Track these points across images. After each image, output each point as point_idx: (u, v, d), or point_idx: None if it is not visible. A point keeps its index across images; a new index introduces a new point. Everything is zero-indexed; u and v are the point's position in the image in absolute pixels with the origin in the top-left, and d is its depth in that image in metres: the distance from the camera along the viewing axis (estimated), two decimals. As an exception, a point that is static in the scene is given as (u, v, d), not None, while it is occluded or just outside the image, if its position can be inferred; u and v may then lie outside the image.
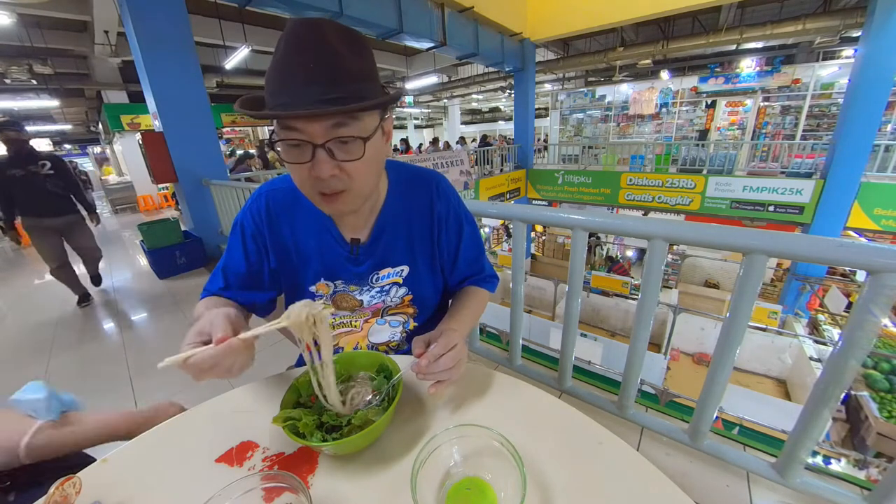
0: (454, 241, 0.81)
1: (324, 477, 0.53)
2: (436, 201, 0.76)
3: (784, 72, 8.46)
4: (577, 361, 1.72)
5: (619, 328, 6.18)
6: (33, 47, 6.18)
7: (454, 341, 0.60)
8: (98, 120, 11.90)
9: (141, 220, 4.95)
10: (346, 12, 4.23)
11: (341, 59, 0.51)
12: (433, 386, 0.59)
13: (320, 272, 0.76)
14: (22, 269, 5.13)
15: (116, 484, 0.53)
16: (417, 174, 0.78)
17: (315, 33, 0.50)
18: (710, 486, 1.24)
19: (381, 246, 0.75)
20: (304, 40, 0.50)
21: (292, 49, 0.50)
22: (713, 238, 1.06)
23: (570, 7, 6.80)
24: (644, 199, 7.60)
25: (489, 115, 21.17)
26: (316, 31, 0.50)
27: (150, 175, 3.84)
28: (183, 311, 3.09)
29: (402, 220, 0.75)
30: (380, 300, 0.80)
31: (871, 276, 0.85)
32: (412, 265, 0.79)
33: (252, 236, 0.74)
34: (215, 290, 0.76)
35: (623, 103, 10.94)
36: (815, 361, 4.29)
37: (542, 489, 0.49)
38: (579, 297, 1.42)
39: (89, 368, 2.38)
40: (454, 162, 7.02)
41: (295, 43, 0.50)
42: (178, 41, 3.51)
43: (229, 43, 6.54)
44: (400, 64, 10.76)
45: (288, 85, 0.51)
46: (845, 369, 0.92)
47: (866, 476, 1.57)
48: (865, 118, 5.09)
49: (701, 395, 1.20)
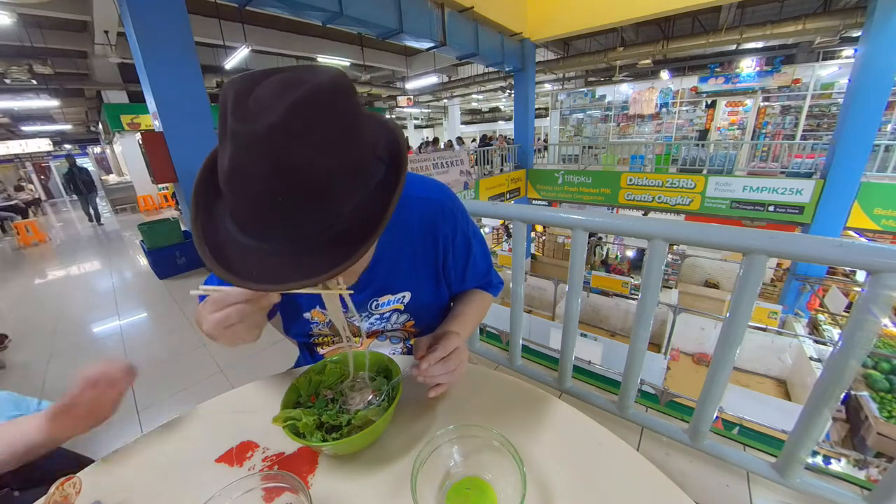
0: (462, 261, 0.76)
1: (324, 477, 0.53)
2: (441, 223, 0.69)
3: (784, 72, 8.46)
4: (577, 361, 1.72)
5: (619, 328, 6.17)
6: (33, 47, 6.18)
7: (455, 344, 0.60)
8: (98, 120, 11.89)
9: (141, 220, 4.96)
10: (346, 12, 4.23)
11: (317, 182, 0.38)
12: (433, 389, 0.59)
13: (315, 299, 0.71)
14: (22, 269, 5.13)
15: (116, 484, 0.53)
16: (420, 194, 0.68)
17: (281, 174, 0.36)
18: (710, 486, 1.24)
19: (380, 272, 0.69)
20: (254, 172, 0.36)
21: (244, 186, 0.38)
22: (713, 238, 1.06)
23: (570, 7, 6.80)
24: (644, 199, 7.60)
25: (489, 115, 21.16)
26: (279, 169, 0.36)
27: (150, 175, 3.84)
28: (183, 311, 3.09)
29: (404, 244, 0.68)
30: (379, 326, 0.77)
31: (871, 276, 0.85)
32: (415, 291, 0.73)
33: None
34: None
35: (623, 103, 10.93)
36: (815, 361, 4.29)
37: (542, 489, 0.49)
38: (579, 297, 1.42)
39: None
40: (454, 162, 7.02)
41: (246, 173, 0.37)
42: (178, 41, 3.50)
43: (229, 43, 6.54)
44: (400, 64, 10.76)
45: (257, 235, 0.41)
46: (845, 369, 0.92)
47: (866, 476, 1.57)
48: (865, 118, 5.09)
49: (701, 395, 1.20)
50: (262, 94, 0.36)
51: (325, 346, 0.81)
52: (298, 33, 8.23)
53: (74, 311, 3.32)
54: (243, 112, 0.36)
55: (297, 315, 0.75)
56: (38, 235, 6.77)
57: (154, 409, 1.95)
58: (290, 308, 0.75)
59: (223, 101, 0.38)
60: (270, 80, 0.38)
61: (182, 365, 2.30)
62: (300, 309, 0.74)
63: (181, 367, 2.28)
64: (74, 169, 8.23)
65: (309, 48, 8.54)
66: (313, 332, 0.78)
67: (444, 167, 6.79)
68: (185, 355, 2.36)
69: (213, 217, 0.45)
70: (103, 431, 1.83)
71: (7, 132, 13.87)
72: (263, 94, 0.36)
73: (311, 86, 0.36)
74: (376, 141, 0.46)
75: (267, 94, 0.36)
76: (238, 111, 0.36)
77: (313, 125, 0.36)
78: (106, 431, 1.77)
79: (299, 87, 0.36)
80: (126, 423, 1.84)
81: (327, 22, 4.38)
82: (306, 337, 0.80)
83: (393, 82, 12.85)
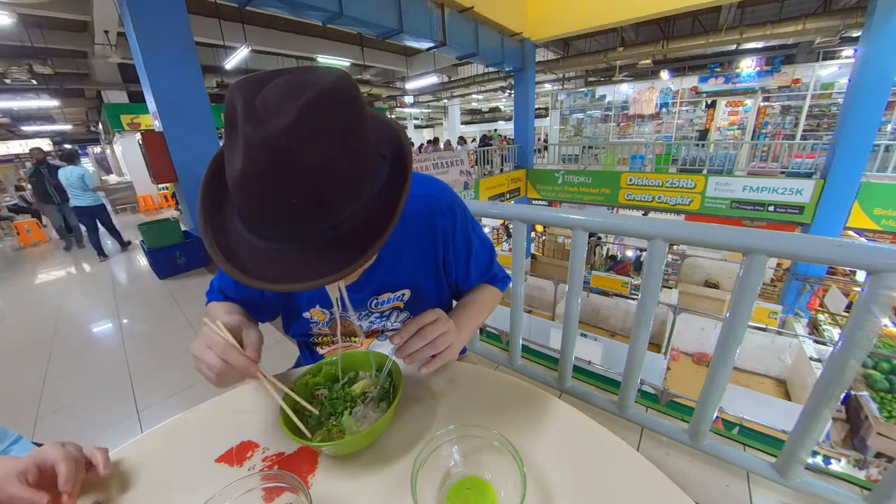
0: (463, 257, 0.75)
1: (324, 477, 0.53)
2: (440, 220, 0.69)
3: (784, 72, 8.46)
4: (577, 361, 1.72)
5: (619, 328, 6.18)
6: (33, 47, 6.19)
7: (431, 317, 0.59)
8: (98, 120, 11.90)
9: (141, 220, 4.96)
10: (346, 12, 4.23)
11: (328, 182, 0.38)
12: (424, 366, 0.59)
13: (314, 298, 0.71)
14: (23, 269, 5.13)
15: (116, 484, 0.53)
16: (419, 192, 0.68)
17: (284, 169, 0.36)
18: (710, 486, 1.24)
19: (380, 270, 0.68)
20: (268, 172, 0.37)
21: (257, 188, 0.38)
22: (713, 238, 1.06)
23: (570, 7, 6.80)
24: (644, 199, 7.60)
25: (489, 115, 21.16)
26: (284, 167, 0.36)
27: (150, 175, 3.84)
28: (183, 310, 3.09)
29: (403, 241, 0.68)
30: (380, 325, 0.77)
31: (871, 276, 0.85)
32: (414, 288, 0.73)
33: None
34: (220, 301, 0.74)
35: (623, 103, 10.93)
36: (815, 361, 4.29)
37: (542, 489, 0.49)
38: (579, 297, 1.42)
39: (89, 368, 2.38)
40: (454, 162, 7.02)
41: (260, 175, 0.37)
42: (178, 41, 3.50)
43: (229, 43, 6.55)
44: (400, 64, 10.77)
45: (268, 235, 0.41)
46: (845, 369, 0.92)
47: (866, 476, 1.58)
48: (865, 118, 5.09)
49: (701, 395, 1.20)
50: (270, 97, 0.37)
51: (324, 345, 0.82)
52: (298, 33, 8.23)
53: (74, 310, 3.32)
54: (253, 115, 0.36)
55: (296, 314, 0.75)
56: (38, 235, 6.76)
57: (154, 409, 1.95)
58: (290, 307, 0.75)
59: (230, 105, 0.38)
60: (276, 82, 0.38)
61: (182, 365, 2.30)
62: (300, 309, 0.74)
63: (181, 366, 2.28)
64: (43, 169, 5.25)
65: (309, 48, 8.54)
66: (313, 332, 0.78)
67: (444, 167, 6.79)
68: (185, 355, 2.36)
69: (222, 218, 0.45)
70: (103, 431, 1.83)
71: (7, 132, 13.88)
72: (271, 97, 0.37)
73: (318, 88, 0.37)
74: (380, 140, 0.47)
75: (275, 97, 0.37)
76: (247, 114, 0.36)
77: (323, 127, 0.37)
78: (106, 431, 1.77)
79: (306, 89, 0.37)
80: (126, 423, 1.85)
81: (327, 22, 4.38)
82: (306, 336, 0.80)
83: (393, 82, 12.85)
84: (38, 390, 2.13)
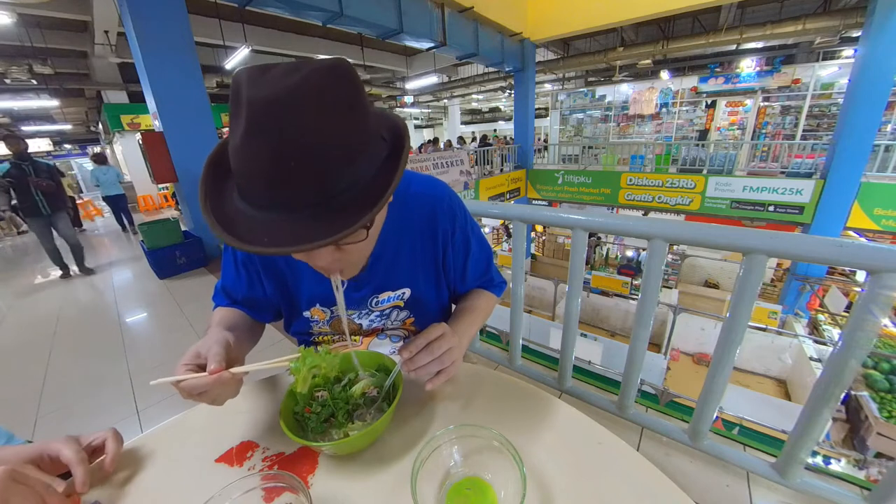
0: (461, 258, 0.76)
1: (324, 477, 0.53)
2: (440, 219, 0.70)
3: (784, 72, 8.46)
4: (577, 361, 1.72)
5: (619, 328, 6.18)
6: (33, 47, 6.19)
7: (438, 332, 0.60)
8: (98, 120, 11.91)
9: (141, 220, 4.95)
10: (346, 12, 4.23)
11: (327, 148, 0.39)
12: (429, 381, 0.59)
13: (315, 297, 0.71)
14: (23, 269, 5.13)
15: (116, 484, 0.53)
16: (420, 191, 0.69)
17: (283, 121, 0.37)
18: (710, 486, 1.24)
19: (380, 269, 0.69)
20: (270, 133, 0.38)
21: (257, 151, 0.39)
22: (713, 238, 1.06)
23: (570, 7, 6.80)
24: (644, 199, 7.60)
25: (489, 115, 21.16)
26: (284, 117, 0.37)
27: (150, 175, 3.85)
28: (183, 310, 3.09)
29: (404, 240, 0.69)
30: (380, 324, 0.78)
31: (871, 276, 0.85)
32: (414, 287, 0.73)
33: (243, 263, 0.71)
34: (225, 304, 0.74)
35: (623, 103, 10.93)
36: (815, 361, 4.29)
37: (542, 489, 0.49)
38: (579, 297, 1.42)
39: (89, 368, 2.38)
40: (454, 162, 7.02)
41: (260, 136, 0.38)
42: (178, 41, 3.51)
43: (229, 43, 6.55)
44: (400, 64, 10.77)
45: (266, 204, 0.42)
46: (845, 369, 0.92)
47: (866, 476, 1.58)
48: (865, 118, 5.09)
49: (701, 395, 1.20)
50: (274, 71, 0.40)
51: (324, 344, 0.82)
52: (298, 33, 8.24)
53: (74, 310, 3.32)
54: (258, 83, 0.39)
55: (297, 313, 0.75)
56: None
57: (154, 409, 1.95)
58: (291, 307, 0.75)
59: (236, 82, 0.40)
60: (280, 64, 0.41)
61: (182, 365, 2.29)
62: (300, 307, 0.74)
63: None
64: (26, 166, 3.77)
65: (309, 48, 8.54)
66: (313, 331, 0.78)
67: (444, 167, 6.79)
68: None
69: (222, 194, 0.47)
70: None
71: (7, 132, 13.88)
72: (275, 71, 0.40)
73: (319, 64, 0.40)
74: (382, 125, 0.49)
75: (279, 71, 0.40)
76: (252, 83, 0.39)
77: (324, 95, 0.39)
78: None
79: (308, 65, 0.40)
80: (126, 423, 1.85)
81: (327, 22, 4.38)
82: (306, 335, 0.81)
83: (393, 82, 12.85)
84: (38, 390, 2.13)
